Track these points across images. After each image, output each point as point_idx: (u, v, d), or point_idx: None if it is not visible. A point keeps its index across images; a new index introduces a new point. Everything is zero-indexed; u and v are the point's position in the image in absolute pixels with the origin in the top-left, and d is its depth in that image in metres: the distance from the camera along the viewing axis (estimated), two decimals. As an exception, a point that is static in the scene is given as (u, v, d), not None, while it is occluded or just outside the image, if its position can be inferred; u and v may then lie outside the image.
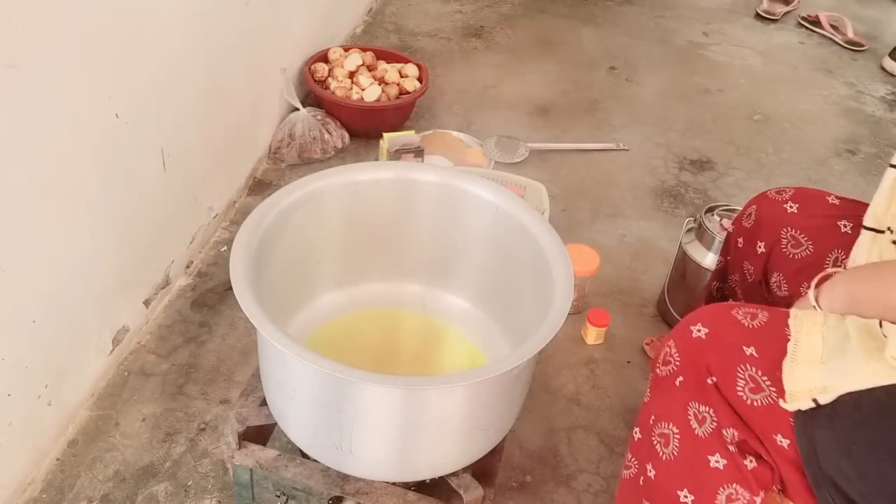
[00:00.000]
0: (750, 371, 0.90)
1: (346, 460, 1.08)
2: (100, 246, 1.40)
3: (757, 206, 1.28)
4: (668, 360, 1.00)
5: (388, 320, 1.42)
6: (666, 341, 1.02)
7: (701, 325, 0.97)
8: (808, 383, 0.86)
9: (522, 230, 1.23)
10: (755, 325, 0.95)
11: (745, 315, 0.96)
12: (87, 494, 1.31)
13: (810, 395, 0.85)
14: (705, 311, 1.00)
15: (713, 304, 1.03)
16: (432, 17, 3.06)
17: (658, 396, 1.02)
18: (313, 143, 2.11)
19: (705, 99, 2.72)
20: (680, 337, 0.99)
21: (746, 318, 0.96)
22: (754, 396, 0.89)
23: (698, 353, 0.96)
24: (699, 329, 0.97)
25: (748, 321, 0.95)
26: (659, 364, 1.02)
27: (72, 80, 1.21)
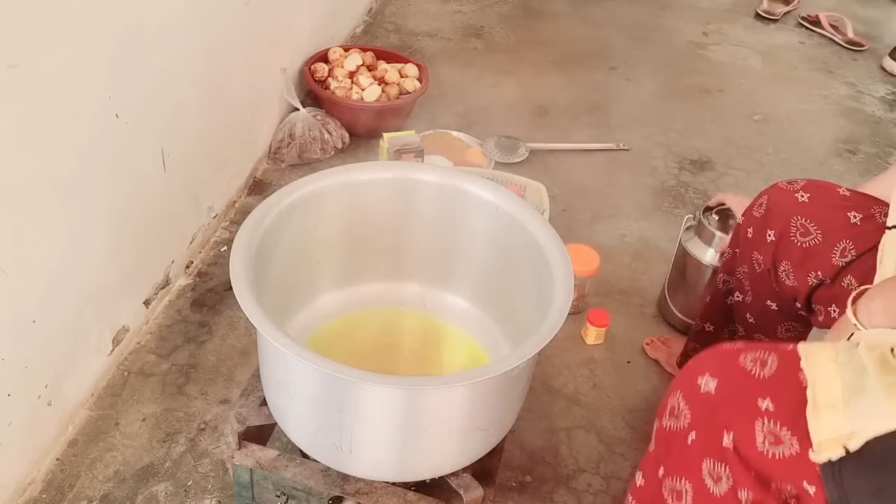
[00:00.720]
0: (768, 426, 0.85)
1: (346, 460, 1.08)
2: (100, 246, 1.40)
3: (768, 196, 1.29)
4: (676, 414, 0.95)
5: (388, 320, 1.42)
6: (672, 391, 0.97)
7: (709, 375, 0.91)
8: (834, 431, 0.81)
9: (522, 230, 1.23)
10: (766, 374, 0.89)
11: (754, 362, 0.90)
12: (87, 494, 1.31)
13: (839, 443, 0.80)
14: (711, 360, 0.94)
15: (716, 349, 0.96)
16: (432, 17, 3.06)
17: (668, 450, 0.98)
18: (313, 143, 2.11)
19: (705, 99, 2.72)
20: (688, 390, 0.94)
21: (756, 366, 0.90)
22: (776, 449, 0.85)
23: (710, 409, 0.91)
24: (707, 382, 0.91)
25: (758, 370, 0.89)
26: (665, 415, 0.98)
27: (72, 80, 1.21)
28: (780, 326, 1.35)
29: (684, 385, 0.95)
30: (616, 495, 1.40)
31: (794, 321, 1.32)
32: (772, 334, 1.37)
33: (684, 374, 0.97)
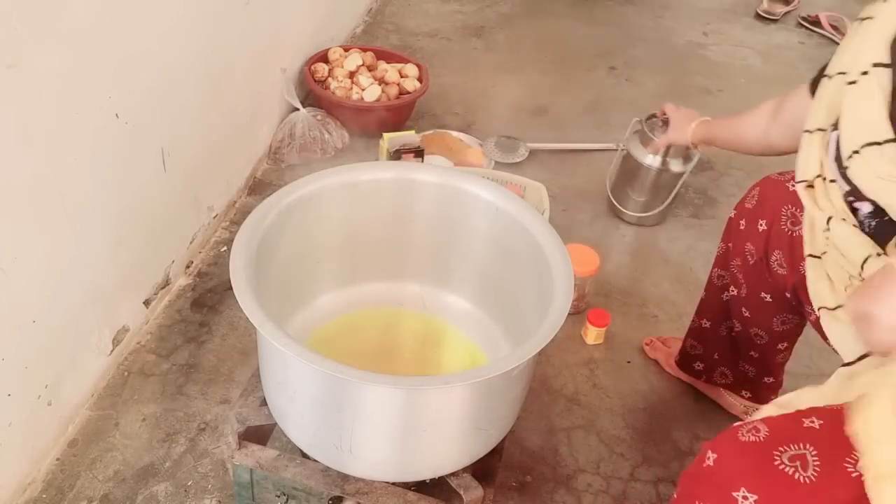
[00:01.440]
0: None
1: (346, 460, 1.08)
2: (100, 246, 1.40)
3: (760, 187, 1.30)
4: None
5: (388, 320, 1.42)
6: (696, 499, 0.87)
7: (746, 491, 0.80)
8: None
9: (522, 230, 1.23)
10: (811, 478, 0.79)
11: (794, 464, 0.80)
12: (87, 494, 1.31)
13: None
14: (744, 469, 0.82)
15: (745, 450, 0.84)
16: (432, 17, 3.06)
17: None
18: (313, 143, 2.11)
19: (705, 99, 2.71)
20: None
21: (797, 469, 0.80)
22: None
23: None
24: (745, 497, 0.80)
25: (801, 473, 0.79)
26: None
27: (72, 80, 1.21)
28: (776, 319, 1.35)
29: (715, 499, 0.84)
30: (616, 495, 1.40)
31: (789, 313, 1.33)
32: (767, 328, 1.37)
33: (711, 485, 0.85)
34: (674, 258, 1.98)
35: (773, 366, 1.46)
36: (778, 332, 1.38)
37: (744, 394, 1.52)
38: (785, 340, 1.40)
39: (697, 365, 1.55)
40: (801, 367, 1.61)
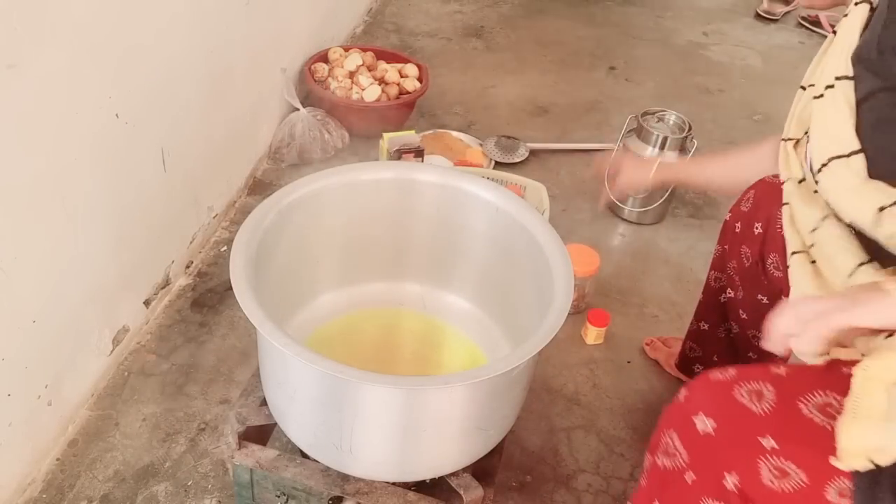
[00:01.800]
0: (773, 461, 0.83)
1: (346, 460, 1.08)
2: (100, 246, 1.40)
3: (755, 190, 1.29)
4: (671, 453, 0.92)
5: (388, 320, 1.42)
6: (664, 429, 0.94)
7: (704, 415, 0.88)
8: (865, 442, 0.79)
9: (522, 230, 1.23)
10: (765, 408, 0.86)
11: (751, 396, 0.87)
12: (87, 494, 1.31)
13: (867, 455, 0.78)
14: (705, 397, 0.91)
15: (709, 383, 0.92)
16: (432, 17, 3.06)
17: (663, 487, 0.96)
18: (313, 143, 2.11)
19: (705, 99, 2.72)
20: (683, 430, 0.91)
21: (753, 401, 0.87)
22: (783, 483, 0.83)
23: (709, 451, 0.88)
24: (704, 422, 0.88)
25: (756, 405, 0.86)
26: (660, 454, 0.95)
27: (72, 80, 1.21)
28: None
29: (679, 425, 0.92)
30: (616, 495, 1.40)
31: None
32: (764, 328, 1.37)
33: (678, 412, 0.93)
34: (674, 258, 1.98)
35: None
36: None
37: None
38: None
39: (697, 367, 1.55)
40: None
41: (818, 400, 0.85)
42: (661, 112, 2.04)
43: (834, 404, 0.84)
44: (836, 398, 0.84)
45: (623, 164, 1.58)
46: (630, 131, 2.03)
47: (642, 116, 2.01)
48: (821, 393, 0.86)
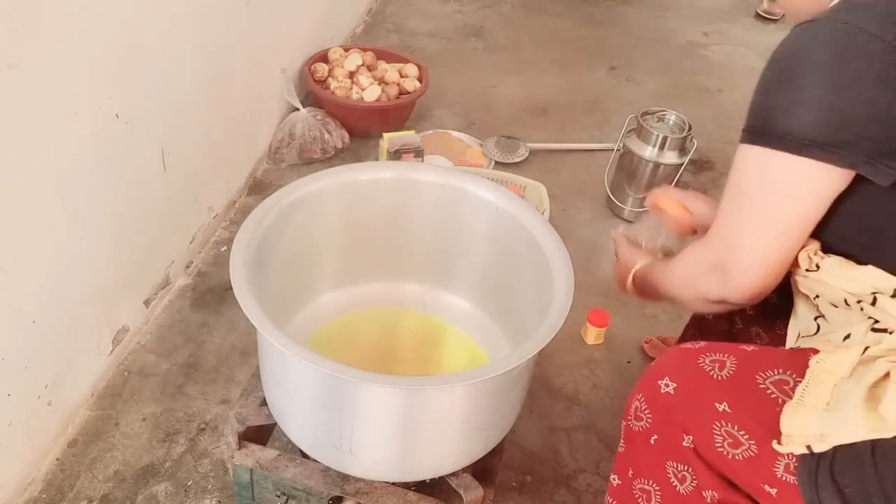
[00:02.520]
0: (726, 427, 0.87)
1: (346, 460, 1.08)
2: (100, 246, 1.40)
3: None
4: (639, 416, 0.97)
5: (388, 320, 1.42)
6: (635, 393, 0.98)
7: (668, 379, 0.93)
8: (805, 429, 0.82)
9: (522, 230, 1.23)
10: (724, 376, 0.90)
11: (713, 365, 0.91)
12: (87, 494, 1.31)
13: (805, 441, 0.82)
14: (671, 363, 0.95)
15: (678, 351, 0.97)
16: (432, 17, 3.06)
17: (634, 451, 1.00)
18: (313, 143, 2.11)
19: (705, 99, 2.72)
20: (648, 392, 0.95)
21: (714, 369, 0.91)
22: (735, 451, 0.87)
23: (669, 411, 0.92)
24: (667, 384, 0.93)
25: (716, 372, 0.90)
26: (631, 418, 0.99)
27: (72, 80, 1.21)
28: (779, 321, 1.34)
29: (646, 387, 0.96)
30: (616, 495, 1.40)
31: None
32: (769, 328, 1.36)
33: (647, 377, 0.96)
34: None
35: None
36: (779, 334, 1.36)
37: None
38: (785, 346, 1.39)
39: None
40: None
41: (776, 377, 0.88)
42: (661, 112, 2.04)
43: (790, 382, 0.87)
44: (795, 378, 0.87)
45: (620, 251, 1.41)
46: (630, 131, 2.04)
47: (642, 116, 2.02)
48: (780, 371, 0.88)
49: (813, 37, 0.86)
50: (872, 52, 0.81)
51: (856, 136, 0.82)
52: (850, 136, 0.82)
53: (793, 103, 0.85)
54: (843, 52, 0.83)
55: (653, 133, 1.96)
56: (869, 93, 0.81)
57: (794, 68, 0.86)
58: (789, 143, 0.85)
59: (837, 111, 0.82)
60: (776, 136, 0.86)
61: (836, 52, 0.83)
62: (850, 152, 0.82)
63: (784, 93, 0.86)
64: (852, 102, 0.81)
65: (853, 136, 0.82)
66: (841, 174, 0.85)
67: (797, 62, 0.86)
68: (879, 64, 0.80)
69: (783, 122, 0.86)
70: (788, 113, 0.85)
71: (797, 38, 0.88)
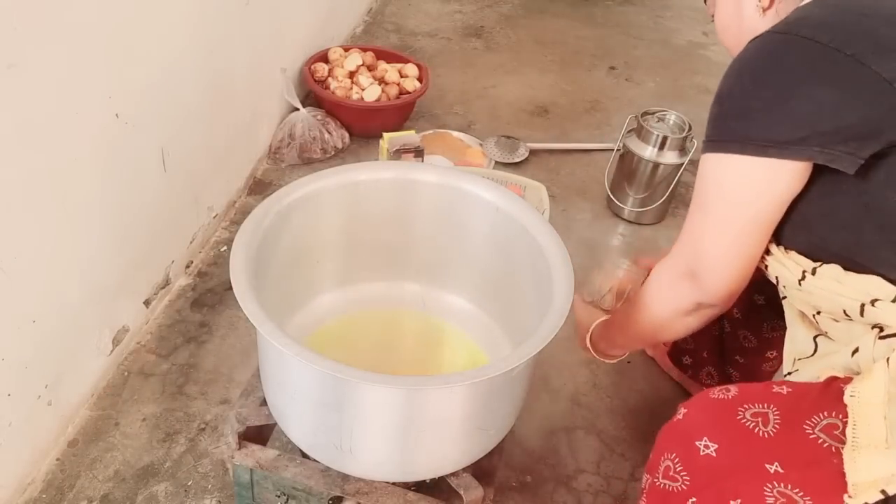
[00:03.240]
0: (779, 488, 0.81)
1: (346, 460, 1.08)
2: (100, 246, 1.40)
3: None
4: (674, 477, 0.90)
5: (388, 320, 1.42)
6: (665, 451, 0.92)
7: (708, 439, 0.86)
8: (873, 472, 0.77)
9: (522, 230, 1.23)
10: (770, 432, 0.84)
11: (755, 420, 0.85)
12: (87, 494, 1.31)
13: (877, 487, 0.76)
14: (708, 420, 0.88)
15: (711, 404, 0.90)
16: (432, 17, 3.06)
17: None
18: (313, 143, 2.11)
19: (705, 99, 2.71)
20: (684, 452, 0.88)
21: (758, 424, 0.85)
22: None
23: (712, 475, 0.85)
24: (706, 444, 0.86)
25: (761, 428, 0.84)
26: (659, 475, 0.93)
27: (72, 80, 1.21)
28: (766, 325, 1.35)
29: (680, 448, 0.90)
30: (616, 495, 1.40)
31: (780, 319, 1.31)
32: (756, 331, 1.37)
33: (678, 435, 0.91)
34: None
35: (759, 374, 1.44)
36: (767, 338, 1.37)
37: None
38: (774, 349, 1.39)
39: (686, 359, 1.56)
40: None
41: (823, 421, 0.83)
42: (661, 112, 2.05)
43: (839, 425, 0.82)
44: (842, 419, 0.82)
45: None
46: (630, 131, 2.04)
47: (642, 116, 2.02)
48: (825, 414, 0.83)
49: (756, 48, 0.92)
50: (810, 54, 0.87)
51: (809, 132, 0.86)
52: (804, 133, 0.86)
53: (746, 109, 0.91)
54: (783, 57, 0.89)
55: (653, 133, 1.96)
56: (813, 91, 0.86)
57: (743, 78, 0.92)
58: (747, 147, 0.90)
59: (787, 111, 0.88)
60: (734, 141, 0.92)
61: (777, 58, 0.89)
62: (805, 146, 0.87)
63: (736, 101, 0.93)
64: (799, 102, 0.87)
65: (806, 133, 0.86)
66: (796, 172, 0.89)
67: (744, 72, 0.92)
68: (818, 64, 0.86)
69: (739, 128, 0.91)
70: (743, 119, 0.91)
71: (745, 51, 0.94)
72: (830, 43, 0.85)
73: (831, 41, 0.86)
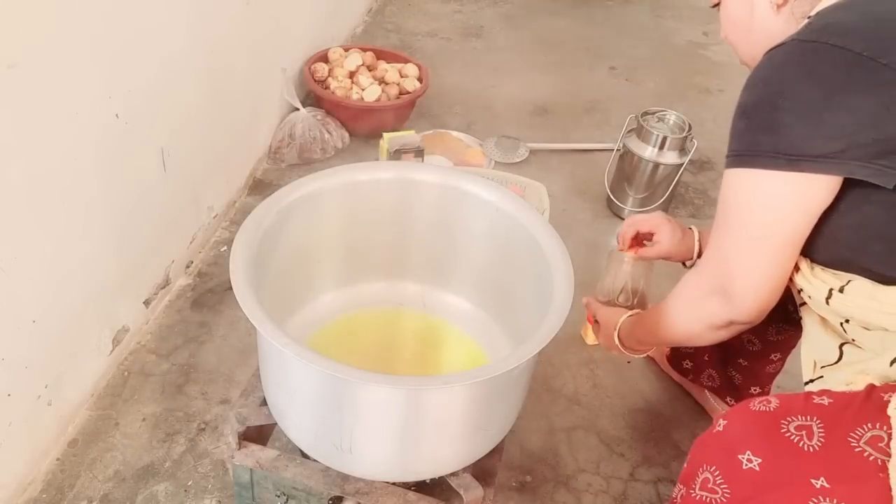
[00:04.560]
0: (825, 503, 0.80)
1: (346, 460, 1.08)
2: (100, 246, 1.40)
3: None
4: (712, 489, 0.88)
5: (388, 320, 1.42)
6: (704, 462, 0.90)
7: (751, 453, 0.84)
8: None
9: (522, 230, 1.23)
10: (815, 446, 0.82)
11: (799, 433, 0.83)
12: (87, 494, 1.31)
13: None
14: (750, 433, 0.86)
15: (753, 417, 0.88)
16: (432, 17, 3.06)
17: None
18: (313, 143, 2.11)
19: (705, 99, 2.72)
20: (725, 465, 0.87)
21: (802, 438, 0.83)
22: None
23: (756, 489, 0.84)
24: (749, 459, 0.84)
25: (805, 442, 0.82)
26: (695, 487, 0.91)
27: (72, 80, 1.21)
28: (772, 327, 1.34)
29: (721, 460, 0.88)
30: (616, 495, 1.40)
31: (785, 323, 1.31)
32: (762, 335, 1.36)
33: (719, 447, 0.88)
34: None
35: (762, 376, 1.44)
36: (772, 341, 1.36)
37: (728, 400, 1.51)
38: (778, 351, 1.39)
39: (686, 363, 1.55)
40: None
41: (868, 434, 0.81)
42: (661, 112, 2.05)
43: (884, 438, 0.80)
44: (887, 430, 0.81)
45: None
46: (630, 131, 2.04)
47: (642, 116, 2.02)
48: (869, 426, 0.82)
49: (786, 57, 0.88)
50: (844, 63, 0.83)
51: (847, 144, 0.83)
52: (842, 145, 0.83)
53: (776, 122, 0.87)
54: (816, 66, 0.85)
55: (653, 133, 1.97)
56: (849, 102, 0.83)
57: (773, 89, 0.88)
58: (778, 161, 0.87)
59: (824, 123, 0.84)
60: (763, 156, 0.88)
61: (810, 68, 0.86)
62: (844, 160, 0.83)
63: (765, 114, 0.88)
64: (836, 113, 0.83)
65: (844, 144, 0.83)
66: (829, 185, 0.86)
67: (772, 83, 0.89)
68: (853, 74, 0.83)
69: (769, 142, 0.87)
70: (773, 132, 0.87)
71: (770, 61, 0.90)
72: (864, 52, 0.83)
73: (865, 50, 0.83)
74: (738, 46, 1.10)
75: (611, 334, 1.26)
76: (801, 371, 1.00)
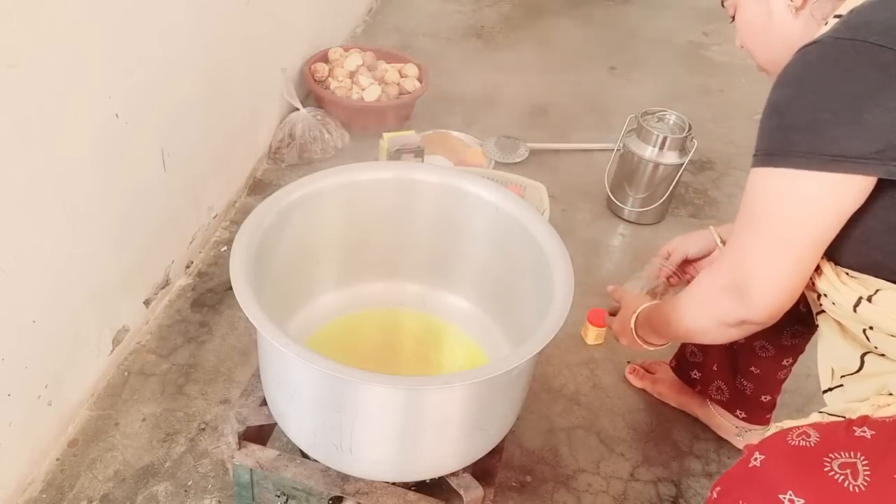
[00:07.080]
0: None
1: (346, 460, 1.08)
2: (100, 246, 1.40)
3: None
4: None
5: (388, 320, 1.42)
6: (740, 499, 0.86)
7: (793, 493, 0.80)
8: None
9: (522, 230, 1.23)
10: (860, 486, 0.79)
11: (844, 471, 0.80)
12: (87, 494, 1.31)
13: None
14: (793, 471, 0.82)
15: (794, 452, 0.84)
16: (432, 17, 3.06)
17: None
18: (313, 143, 2.11)
19: (705, 99, 2.72)
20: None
21: (847, 478, 0.79)
22: None
23: None
24: (791, 499, 0.80)
25: (850, 482, 0.79)
26: None
27: (72, 80, 1.21)
28: (786, 331, 1.31)
29: (761, 499, 0.83)
30: (616, 495, 1.40)
31: (799, 324, 1.28)
32: (776, 340, 1.33)
33: (758, 486, 0.85)
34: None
35: (772, 383, 1.40)
36: (786, 346, 1.32)
37: (738, 413, 1.47)
38: (791, 356, 1.35)
39: (695, 373, 1.51)
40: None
41: None
42: (661, 112, 2.05)
43: None
44: None
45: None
46: (630, 131, 2.04)
47: (642, 116, 2.02)
48: None
49: (822, 55, 0.86)
50: (883, 62, 0.81)
51: (886, 144, 0.81)
52: (879, 146, 0.82)
53: (812, 121, 0.84)
54: (854, 65, 0.83)
55: (653, 133, 1.97)
56: (889, 101, 0.81)
57: (805, 87, 0.86)
58: (813, 161, 0.84)
59: (861, 123, 0.82)
60: (798, 155, 0.85)
61: (847, 67, 0.83)
62: (884, 160, 0.82)
63: (800, 112, 0.86)
64: (875, 112, 0.81)
65: (882, 146, 0.81)
66: (863, 186, 0.85)
67: (807, 81, 0.86)
68: (893, 73, 0.81)
69: (804, 142, 0.85)
70: (809, 132, 0.85)
71: (804, 59, 0.87)
72: None
73: None
74: (756, 52, 1.08)
75: (628, 318, 1.24)
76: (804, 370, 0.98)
